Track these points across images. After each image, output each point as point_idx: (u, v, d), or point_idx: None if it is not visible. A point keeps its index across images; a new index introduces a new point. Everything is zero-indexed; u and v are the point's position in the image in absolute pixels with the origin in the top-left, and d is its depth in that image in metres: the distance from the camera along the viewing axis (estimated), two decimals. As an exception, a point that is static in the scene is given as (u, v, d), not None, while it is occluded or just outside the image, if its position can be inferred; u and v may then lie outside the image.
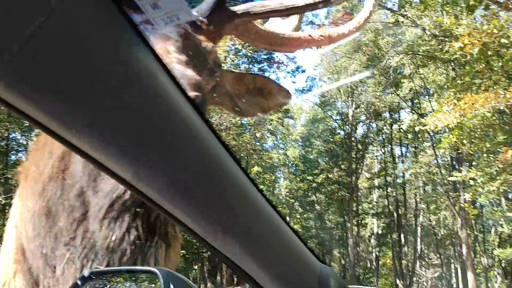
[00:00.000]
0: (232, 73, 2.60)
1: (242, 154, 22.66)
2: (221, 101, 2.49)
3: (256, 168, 25.27)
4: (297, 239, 0.96)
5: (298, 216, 38.04)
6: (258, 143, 26.64)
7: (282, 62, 30.49)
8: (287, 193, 37.76)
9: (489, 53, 12.16)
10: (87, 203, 1.90)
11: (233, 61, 25.15)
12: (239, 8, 2.22)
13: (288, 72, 31.37)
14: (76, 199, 1.91)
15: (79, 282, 1.60)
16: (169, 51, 1.88)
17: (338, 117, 34.49)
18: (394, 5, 22.27)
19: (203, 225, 0.76)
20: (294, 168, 38.88)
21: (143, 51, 0.60)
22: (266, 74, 30.66)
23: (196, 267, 24.74)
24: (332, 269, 1.06)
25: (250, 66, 28.35)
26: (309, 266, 0.99)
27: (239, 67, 26.89)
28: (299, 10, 2.40)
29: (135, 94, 0.59)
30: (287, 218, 38.02)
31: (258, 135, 24.04)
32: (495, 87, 13.54)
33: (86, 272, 1.67)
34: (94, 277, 1.62)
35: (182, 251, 19.21)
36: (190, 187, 0.70)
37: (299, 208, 37.18)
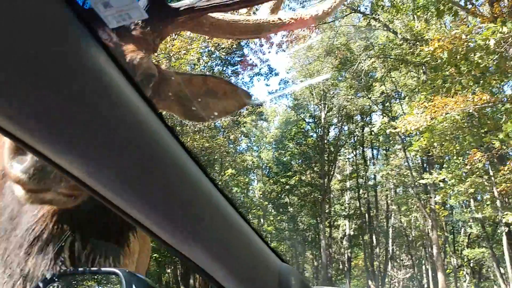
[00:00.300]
0: (180, 76, 2.37)
1: (215, 157, 22.55)
2: (168, 107, 2.29)
3: (230, 171, 25.21)
4: (258, 239, 0.96)
5: (272, 218, 38.14)
6: (231, 146, 26.59)
7: (256, 65, 30.56)
8: (261, 195, 37.84)
9: (458, 57, 12.43)
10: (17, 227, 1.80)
11: (206, 63, 25.09)
12: (182, 4, 2.04)
13: (262, 75, 31.42)
14: (9, 222, 1.80)
15: (40, 285, 1.57)
16: None
17: (310, 120, 34.78)
18: (366, 8, 22.59)
19: (164, 227, 0.75)
20: (268, 170, 39.02)
21: (92, 44, 0.58)
22: (240, 76, 30.75)
23: (169, 270, 24.47)
24: (293, 268, 1.06)
25: (224, 68, 28.35)
26: (269, 265, 0.99)
27: (213, 69, 26.83)
28: (249, 3, 2.27)
29: (83, 86, 0.57)
30: (261, 220, 38.16)
31: (231, 137, 23.98)
32: (464, 91, 13.85)
33: (48, 274, 1.64)
34: (56, 280, 1.58)
35: (155, 254, 18.97)
36: (145, 185, 0.68)
37: (273, 210, 37.30)
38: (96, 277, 1.58)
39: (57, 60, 0.53)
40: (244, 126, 31.99)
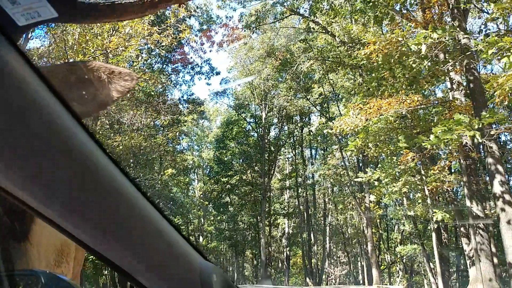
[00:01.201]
0: (43, 69, 2.02)
1: (154, 156, 22.11)
2: None
3: (170, 170, 24.81)
4: (179, 237, 0.95)
5: (212, 218, 38.03)
6: (171, 145, 26.20)
7: (197, 64, 30.32)
8: (201, 195, 37.61)
9: (392, 61, 12.92)
10: None
11: (146, 60, 24.58)
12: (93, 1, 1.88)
13: (203, 74, 31.19)
14: None
15: None
16: None
17: (251, 120, 34.96)
18: (305, 11, 22.95)
19: (78, 225, 0.73)
20: (209, 170, 38.86)
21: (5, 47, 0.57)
22: (180, 74, 30.38)
23: (106, 272, 23.76)
24: (215, 267, 1.07)
25: (164, 66, 27.89)
26: (191, 263, 1.00)
27: (152, 67, 26.33)
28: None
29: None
30: (201, 220, 37.93)
31: (170, 135, 23.63)
32: (397, 93, 14.40)
33: None
34: None
35: (92, 256, 18.32)
36: (56, 181, 0.65)
37: (213, 210, 37.19)
38: (12, 279, 1.49)
39: None
40: (185, 125, 31.65)
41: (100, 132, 18.93)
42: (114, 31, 14.43)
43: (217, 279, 1.04)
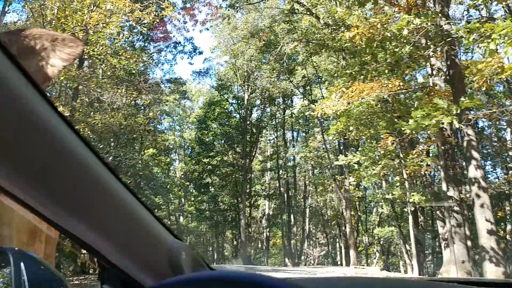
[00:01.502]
0: None
1: (135, 136, 21.94)
2: None
3: (151, 150, 24.64)
4: (147, 214, 0.95)
5: (193, 199, 38.06)
6: (152, 124, 26.01)
7: (179, 42, 29.97)
8: (182, 176, 37.55)
9: (375, 45, 12.93)
10: None
11: (127, 37, 24.19)
12: None
13: (185, 53, 30.88)
14: None
15: None
16: None
17: (234, 101, 34.84)
18: (290, -8, 22.76)
19: (44, 202, 0.72)
20: (190, 150, 38.76)
21: None
22: (162, 53, 30.01)
23: (84, 251, 23.70)
24: (185, 245, 1.08)
25: (146, 44, 27.50)
26: (159, 241, 0.99)
27: (134, 45, 25.93)
28: None
29: None
30: (182, 201, 37.94)
31: (150, 114, 23.44)
32: (379, 78, 14.47)
33: None
34: None
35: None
36: (20, 156, 0.64)
37: (194, 191, 37.21)
38: None
39: None
40: (167, 105, 31.39)
41: (80, 110, 18.67)
42: (95, 7, 14.12)
43: (186, 257, 1.04)
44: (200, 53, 37.47)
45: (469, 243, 14.65)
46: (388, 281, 1.92)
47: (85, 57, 17.14)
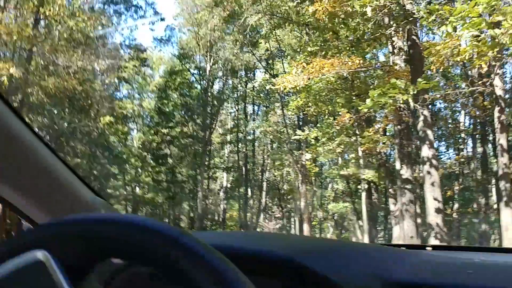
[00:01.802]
0: None
1: (89, 102, 21.25)
2: None
3: (107, 118, 23.99)
4: (67, 171, 0.97)
5: (150, 169, 37.55)
6: (110, 91, 25.27)
7: (140, 7, 29.01)
8: (140, 146, 36.90)
9: (337, 20, 12.88)
10: None
11: (86, 0, 23.16)
12: None
13: (147, 18, 29.94)
14: None
15: None
16: None
17: (195, 71, 34.26)
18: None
19: None
20: (149, 120, 38.05)
21: None
22: (123, 17, 28.99)
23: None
24: (106, 203, 1.11)
25: (105, 6, 26.44)
26: (79, 198, 1.02)
27: (92, 7, 24.89)
28: None
29: None
30: (139, 171, 37.40)
31: (107, 81, 22.73)
32: (340, 55, 14.47)
33: None
34: None
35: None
36: None
37: (151, 161, 36.69)
38: None
39: None
40: (125, 71, 30.50)
41: (34, 73, 17.89)
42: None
43: (106, 213, 1.03)
44: (162, 19, 36.26)
45: (418, 220, 15.11)
46: (305, 239, 1.89)
47: (41, 17, 16.34)
